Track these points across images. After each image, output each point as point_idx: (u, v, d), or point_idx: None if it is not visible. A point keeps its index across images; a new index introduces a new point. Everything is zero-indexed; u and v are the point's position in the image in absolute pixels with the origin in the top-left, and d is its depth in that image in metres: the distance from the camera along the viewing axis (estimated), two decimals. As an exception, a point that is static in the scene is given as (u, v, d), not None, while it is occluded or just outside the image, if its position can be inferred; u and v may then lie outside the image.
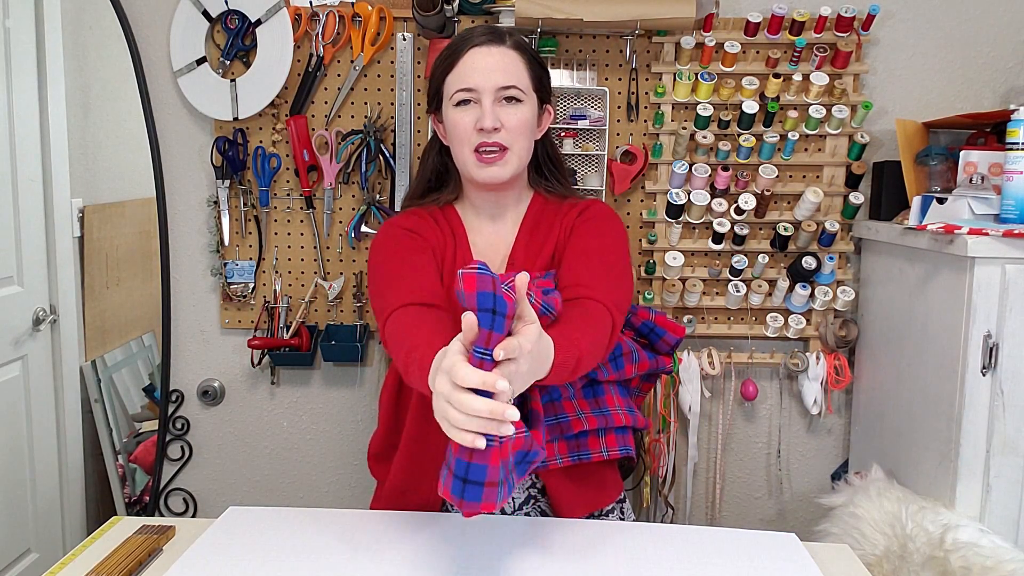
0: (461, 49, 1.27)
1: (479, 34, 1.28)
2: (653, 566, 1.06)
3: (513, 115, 1.26)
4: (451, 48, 1.29)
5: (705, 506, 1.99)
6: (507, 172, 1.27)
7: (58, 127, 1.91)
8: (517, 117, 1.27)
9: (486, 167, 1.27)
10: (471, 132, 1.26)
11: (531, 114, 1.30)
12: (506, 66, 1.27)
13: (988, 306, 1.44)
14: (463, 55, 1.27)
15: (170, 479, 1.98)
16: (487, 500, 0.90)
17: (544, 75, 1.34)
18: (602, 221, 1.32)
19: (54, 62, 1.89)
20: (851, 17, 1.76)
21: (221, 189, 1.84)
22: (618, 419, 1.29)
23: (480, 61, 1.26)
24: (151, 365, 2.05)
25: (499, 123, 1.25)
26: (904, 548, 1.42)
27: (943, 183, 1.69)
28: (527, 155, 1.31)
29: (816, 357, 1.88)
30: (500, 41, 1.28)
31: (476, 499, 0.90)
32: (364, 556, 1.08)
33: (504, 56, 1.27)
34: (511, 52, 1.28)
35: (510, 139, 1.26)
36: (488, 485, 0.90)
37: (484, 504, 0.91)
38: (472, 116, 1.26)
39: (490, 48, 1.27)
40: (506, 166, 1.27)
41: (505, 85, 1.26)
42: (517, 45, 1.29)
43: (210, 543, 1.11)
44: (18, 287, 1.85)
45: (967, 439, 1.46)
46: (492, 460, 0.89)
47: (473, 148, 1.26)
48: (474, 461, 0.89)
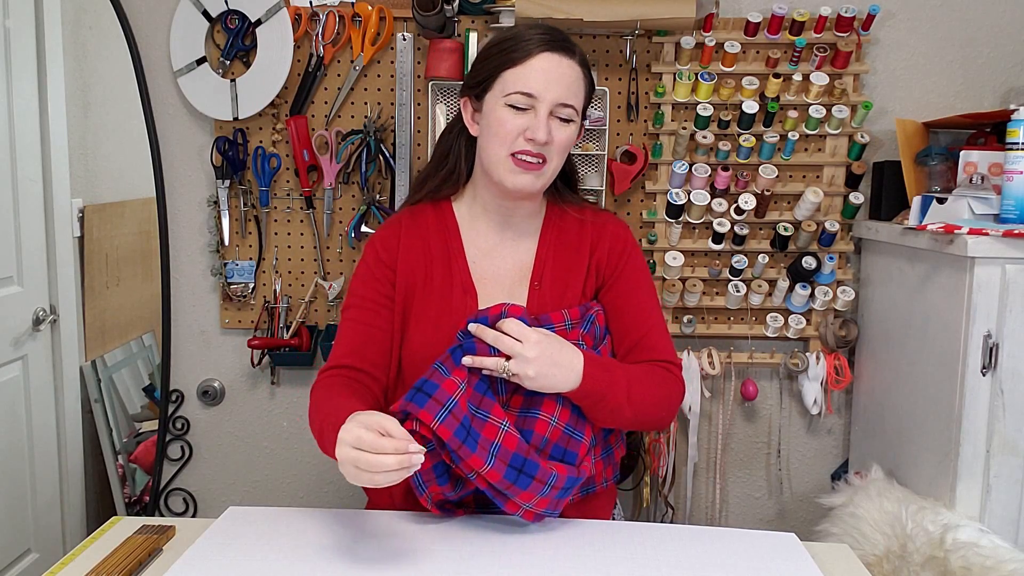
0: (532, 49, 1.21)
1: (552, 39, 1.23)
2: (653, 566, 1.06)
3: (563, 132, 1.23)
4: (518, 42, 1.23)
5: (705, 506, 1.99)
6: (540, 184, 1.25)
7: (58, 127, 1.91)
8: (566, 135, 1.24)
9: (522, 173, 1.23)
10: (516, 136, 1.22)
11: (576, 134, 1.27)
12: (571, 82, 1.23)
13: (988, 306, 1.44)
14: (533, 56, 1.21)
15: (170, 479, 1.98)
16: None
17: (592, 94, 1.31)
18: (642, 259, 1.36)
19: (54, 62, 1.89)
20: (851, 17, 1.76)
21: (221, 189, 1.84)
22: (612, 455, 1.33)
23: (551, 69, 1.21)
24: (151, 365, 2.05)
25: (550, 137, 1.22)
26: (904, 548, 1.42)
27: (943, 183, 1.69)
28: (558, 171, 1.29)
29: (816, 357, 1.88)
30: (571, 53, 1.24)
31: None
32: (364, 556, 1.08)
33: (571, 71, 1.23)
34: (578, 68, 1.24)
35: (551, 155, 1.24)
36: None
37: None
38: (522, 121, 1.21)
39: (562, 58, 1.22)
40: (540, 178, 1.24)
41: (566, 102, 1.22)
42: (583, 61, 1.26)
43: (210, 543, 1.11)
44: (18, 287, 1.85)
45: (967, 439, 1.46)
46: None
47: (511, 152, 1.22)
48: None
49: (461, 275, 1.29)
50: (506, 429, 1.14)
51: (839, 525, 1.56)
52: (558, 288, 1.28)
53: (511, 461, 1.12)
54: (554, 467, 1.15)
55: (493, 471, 1.10)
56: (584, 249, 1.32)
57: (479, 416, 1.14)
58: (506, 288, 1.29)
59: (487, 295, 1.28)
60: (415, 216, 1.35)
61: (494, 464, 1.11)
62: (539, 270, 1.30)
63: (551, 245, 1.32)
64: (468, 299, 1.27)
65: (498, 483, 1.11)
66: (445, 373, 1.14)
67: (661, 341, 1.30)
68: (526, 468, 1.12)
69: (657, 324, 1.31)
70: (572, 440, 1.20)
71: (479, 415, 1.14)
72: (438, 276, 1.29)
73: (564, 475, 1.15)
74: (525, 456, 1.13)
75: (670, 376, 1.28)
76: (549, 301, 1.27)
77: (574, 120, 1.25)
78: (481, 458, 1.10)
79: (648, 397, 1.23)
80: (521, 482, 1.12)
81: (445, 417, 1.09)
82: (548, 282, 1.28)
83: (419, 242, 1.32)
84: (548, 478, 1.13)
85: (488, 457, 1.11)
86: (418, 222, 1.34)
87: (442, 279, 1.28)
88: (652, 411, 1.24)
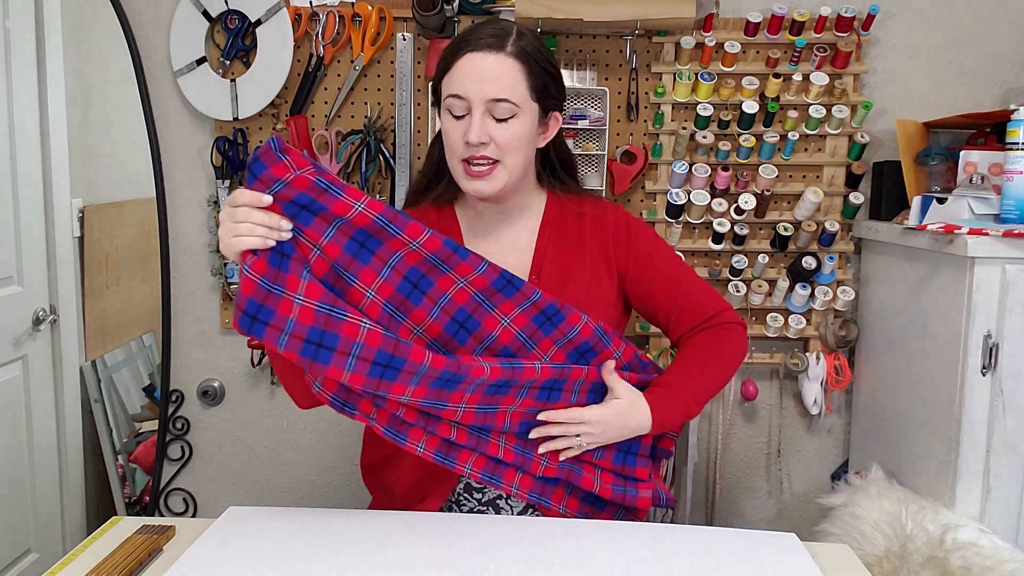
0: (458, 51, 1.21)
1: (479, 36, 1.21)
2: (653, 566, 1.06)
3: (504, 131, 1.20)
4: (450, 47, 1.23)
5: (705, 506, 1.99)
6: (494, 187, 1.23)
7: (58, 127, 1.91)
8: (509, 133, 1.20)
9: (472, 180, 1.22)
10: (460, 143, 1.20)
11: (527, 127, 1.23)
12: (500, 76, 1.19)
13: (988, 306, 1.44)
14: (459, 58, 1.20)
15: (170, 479, 1.98)
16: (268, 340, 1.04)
17: (552, 81, 1.26)
18: (647, 232, 1.36)
19: (54, 62, 1.88)
20: (851, 17, 1.76)
21: (221, 189, 1.84)
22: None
23: (473, 68, 1.19)
24: (151, 365, 2.05)
25: (487, 138, 1.19)
26: (904, 548, 1.42)
27: (943, 183, 1.69)
28: (521, 168, 1.25)
29: (816, 357, 1.88)
30: (499, 47, 1.20)
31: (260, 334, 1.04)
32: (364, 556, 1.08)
33: (500, 64, 1.19)
34: (508, 60, 1.19)
35: (500, 153, 1.21)
36: (271, 327, 1.03)
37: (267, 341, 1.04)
38: (462, 128, 1.20)
39: (486, 55, 1.19)
40: (493, 181, 1.22)
41: (496, 97, 1.18)
42: (518, 52, 1.21)
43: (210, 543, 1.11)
44: (18, 287, 1.85)
45: (967, 439, 1.46)
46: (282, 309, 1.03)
47: (461, 159, 1.21)
48: (266, 304, 1.03)
49: None
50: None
51: (839, 525, 1.56)
52: (558, 282, 1.28)
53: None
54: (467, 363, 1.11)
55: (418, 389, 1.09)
56: (586, 243, 1.32)
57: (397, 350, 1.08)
58: None
59: None
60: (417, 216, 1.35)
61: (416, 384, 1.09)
62: (538, 262, 1.30)
63: (550, 239, 1.32)
64: None
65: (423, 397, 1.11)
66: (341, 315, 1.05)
67: (702, 296, 1.33)
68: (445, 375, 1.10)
69: (691, 282, 1.34)
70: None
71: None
72: None
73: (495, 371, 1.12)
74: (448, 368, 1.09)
75: (725, 334, 1.31)
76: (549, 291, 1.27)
77: (517, 113, 1.20)
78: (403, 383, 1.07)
79: (716, 378, 1.30)
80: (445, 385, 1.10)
81: (353, 364, 1.05)
82: (547, 276, 1.28)
83: None
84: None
85: (412, 379, 1.08)
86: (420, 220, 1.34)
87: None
88: (725, 380, 1.33)
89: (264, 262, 1.04)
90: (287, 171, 1.03)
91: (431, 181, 1.36)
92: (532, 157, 1.28)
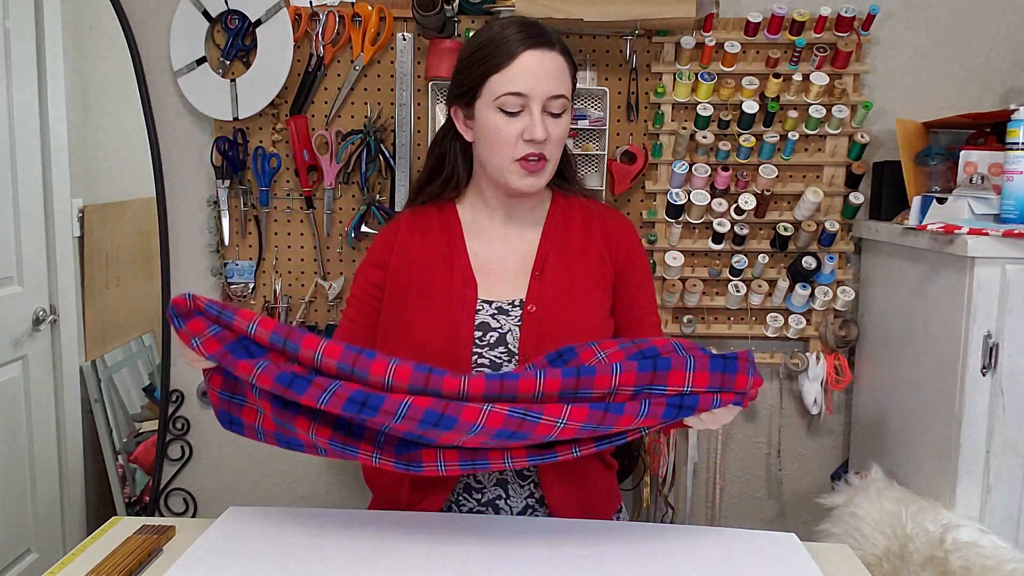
0: (514, 49, 1.20)
1: (532, 35, 1.22)
2: (653, 566, 1.06)
3: (558, 126, 1.23)
4: (498, 44, 1.22)
5: (705, 506, 1.99)
6: (543, 182, 1.26)
7: (58, 127, 1.91)
8: (562, 128, 1.24)
9: (528, 176, 1.23)
10: (516, 141, 1.21)
11: (569, 123, 1.27)
12: (557, 73, 1.22)
13: (988, 306, 1.44)
14: (516, 56, 1.20)
15: (170, 479, 1.98)
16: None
17: (576, 78, 1.31)
18: (643, 252, 1.39)
19: (54, 62, 1.89)
20: (851, 17, 1.76)
21: (221, 189, 1.84)
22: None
23: (536, 66, 1.20)
24: (151, 365, 2.05)
25: (547, 133, 1.21)
26: (904, 548, 1.42)
27: (943, 183, 1.69)
28: (558, 164, 1.29)
29: (816, 357, 1.88)
30: (552, 45, 1.23)
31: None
32: (364, 556, 1.08)
33: (555, 62, 1.22)
34: (560, 58, 1.23)
35: (551, 150, 1.24)
36: (246, 428, 1.15)
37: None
38: (519, 125, 1.21)
39: (544, 52, 1.21)
40: (543, 175, 1.25)
41: (556, 94, 1.21)
42: (564, 50, 1.25)
43: (210, 543, 1.11)
44: (18, 287, 1.85)
45: (967, 439, 1.46)
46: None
47: (517, 158, 1.22)
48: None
49: (462, 268, 1.29)
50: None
51: (839, 525, 1.56)
52: (562, 279, 1.28)
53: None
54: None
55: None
56: (593, 241, 1.32)
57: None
58: (507, 279, 1.29)
59: (488, 286, 1.29)
60: (417, 216, 1.36)
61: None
62: (541, 260, 1.30)
63: (555, 236, 1.32)
64: (468, 291, 1.28)
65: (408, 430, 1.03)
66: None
67: (655, 331, 1.36)
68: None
69: (656, 323, 1.37)
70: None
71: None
72: (439, 271, 1.29)
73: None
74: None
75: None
76: (551, 291, 1.27)
77: (566, 110, 1.25)
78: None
79: None
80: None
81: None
82: (550, 273, 1.29)
83: (418, 239, 1.32)
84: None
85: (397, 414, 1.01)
86: (419, 221, 1.35)
87: (443, 273, 1.29)
88: None
89: (219, 377, 1.14)
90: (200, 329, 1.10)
91: (432, 180, 1.36)
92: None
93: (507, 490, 1.26)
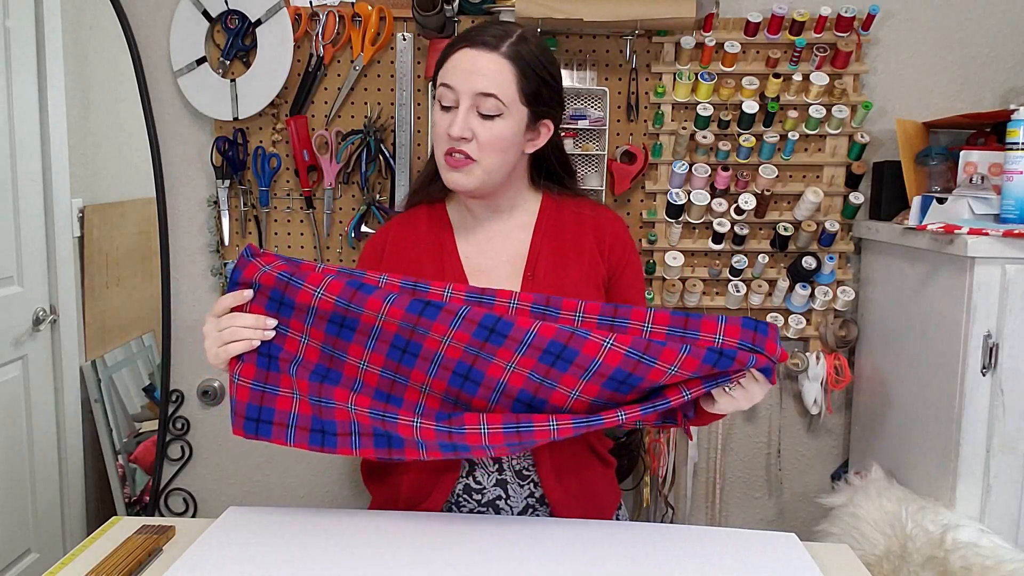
0: (455, 45, 1.24)
1: (477, 34, 1.23)
2: (653, 566, 1.06)
3: (487, 129, 1.20)
4: (449, 43, 1.26)
5: (705, 506, 1.99)
6: (470, 183, 1.23)
7: (58, 127, 1.91)
8: (491, 132, 1.21)
9: (451, 171, 1.23)
10: (444, 134, 1.22)
11: (512, 130, 1.22)
12: (491, 73, 1.20)
13: (988, 306, 1.44)
14: (453, 53, 1.23)
15: (170, 479, 1.98)
16: (276, 437, 1.14)
17: (545, 88, 1.25)
18: (636, 252, 1.38)
19: (54, 62, 1.89)
20: (851, 17, 1.76)
21: (221, 189, 1.84)
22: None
23: (466, 62, 1.21)
24: (151, 365, 2.05)
25: (469, 133, 1.20)
26: (904, 548, 1.43)
27: (943, 183, 1.69)
28: (501, 171, 1.25)
29: (816, 357, 1.88)
30: (493, 47, 1.21)
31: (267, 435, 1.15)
32: (364, 556, 1.08)
33: (492, 63, 1.20)
34: (501, 60, 1.21)
35: (479, 153, 1.21)
36: (276, 424, 1.14)
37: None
38: (448, 119, 1.22)
39: (480, 51, 1.21)
40: (469, 176, 1.23)
41: (484, 91, 1.19)
42: (513, 54, 1.21)
43: (210, 543, 1.11)
44: (18, 287, 1.85)
45: (967, 439, 1.46)
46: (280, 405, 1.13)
47: (444, 151, 1.23)
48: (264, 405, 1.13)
49: (453, 269, 1.29)
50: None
51: (839, 525, 1.57)
52: (554, 279, 1.28)
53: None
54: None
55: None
56: (584, 240, 1.32)
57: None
58: (499, 280, 1.29)
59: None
60: (408, 218, 1.36)
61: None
62: (532, 261, 1.30)
63: (547, 237, 1.32)
64: None
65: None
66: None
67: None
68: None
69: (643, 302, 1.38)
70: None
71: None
72: (430, 271, 1.29)
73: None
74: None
75: None
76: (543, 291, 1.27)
77: (503, 113, 1.21)
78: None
79: None
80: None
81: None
82: (542, 273, 1.28)
83: (409, 240, 1.33)
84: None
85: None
86: (410, 223, 1.35)
87: (434, 274, 1.29)
88: None
89: (252, 367, 1.12)
90: (256, 270, 1.11)
91: (428, 179, 1.37)
92: (516, 161, 1.28)
93: (507, 490, 1.26)
